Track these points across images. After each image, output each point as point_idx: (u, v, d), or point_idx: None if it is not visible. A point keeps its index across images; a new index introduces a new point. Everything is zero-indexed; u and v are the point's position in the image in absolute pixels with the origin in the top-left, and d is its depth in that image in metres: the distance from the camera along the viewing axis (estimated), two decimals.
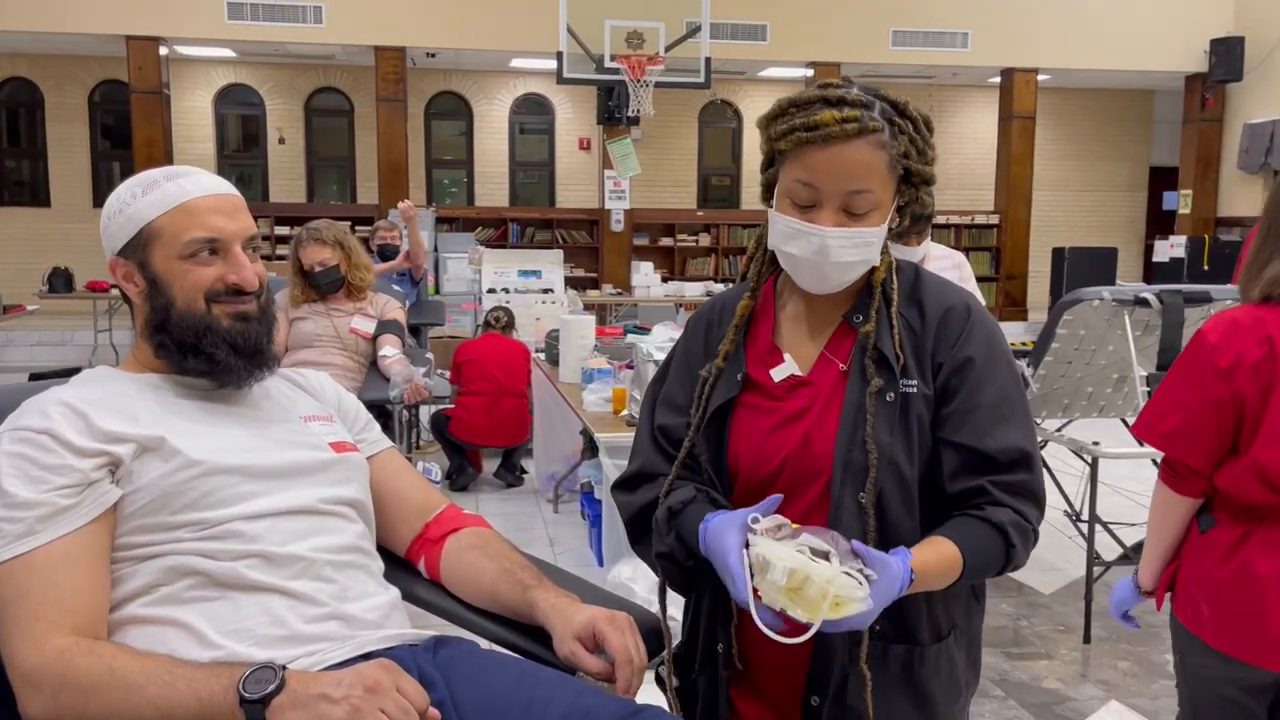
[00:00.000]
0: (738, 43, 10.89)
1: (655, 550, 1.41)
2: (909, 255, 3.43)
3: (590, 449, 4.52)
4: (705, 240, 13.03)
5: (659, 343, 4.07)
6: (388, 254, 6.41)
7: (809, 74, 11.47)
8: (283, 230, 11.41)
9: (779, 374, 1.41)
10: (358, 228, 9.16)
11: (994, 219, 12.29)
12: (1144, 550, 1.85)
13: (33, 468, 1.25)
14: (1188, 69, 11.74)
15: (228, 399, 1.43)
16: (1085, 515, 3.72)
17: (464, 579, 1.49)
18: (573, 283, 10.67)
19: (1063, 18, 11.36)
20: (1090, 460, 3.58)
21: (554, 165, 13.34)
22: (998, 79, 11.98)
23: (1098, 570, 3.60)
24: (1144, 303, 3.42)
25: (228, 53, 11.80)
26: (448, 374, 5.84)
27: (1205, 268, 10.89)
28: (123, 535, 1.28)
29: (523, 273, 8.53)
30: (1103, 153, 14.13)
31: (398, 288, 5.00)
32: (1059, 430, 3.91)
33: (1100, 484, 3.64)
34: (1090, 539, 3.60)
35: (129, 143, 10.67)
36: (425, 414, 5.95)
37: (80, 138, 12.34)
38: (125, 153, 11.44)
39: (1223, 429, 1.64)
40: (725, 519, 1.26)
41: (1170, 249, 11.30)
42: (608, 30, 8.00)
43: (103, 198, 1.43)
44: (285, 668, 1.16)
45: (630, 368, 4.25)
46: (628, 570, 3.38)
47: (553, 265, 8.73)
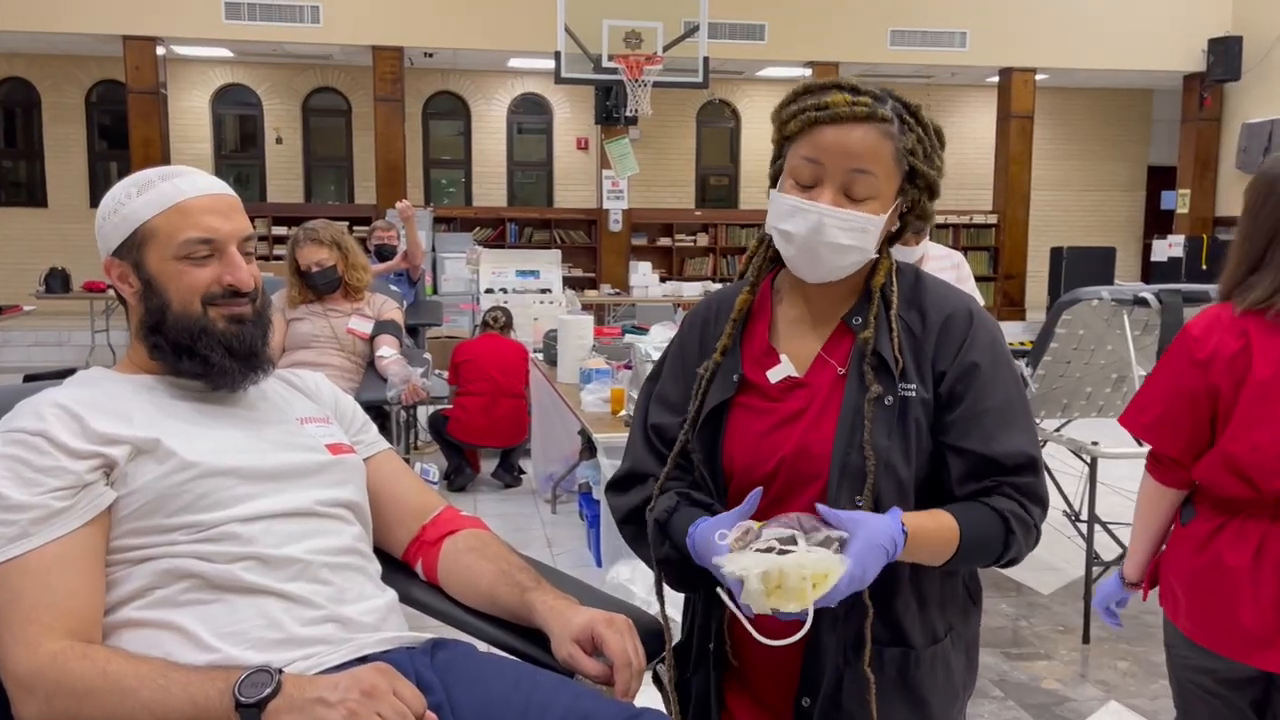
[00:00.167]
0: (736, 42, 10.89)
1: (655, 557, 1.41)
2: (907, 255, 3.42)
3: (588, 449, 4.52)
4: (703, 240, 13.02)
5: (657, 343, 4.06)
6: (385, 254, 6.40)
7: (807, 74, 11.46)
8: (280, 230, 11.40)
9: (775, 375, 1.40)
10: (355, 228, 9.16)
11: (992, 219, 12.30)
12: (1130, 541, 1.87)
13: (26, 470, 1.24)
14: (1186, 68, 11.74)
15: (223, 400, 1.43)
16: (1084, 515, 3.72)
17: (461, 581, 1.48)
18: (570, 283, 10.67)
19: (1061, 17, 11.37)
20: (1089, 460, 3.58)
21: (552, 165, 13.34)
22: (996, 79, 11.99)
23: (1097, 570, 3.59)
24: (1143, 302, 3.42)
25: (225, 53, 11.79)
26: (445, 374, 5.84)
27: (1204, 267, 10.89)
28: (117, 538, 1.27)
29: (520, 273, 8.53)
30: (1101, 152, 14.14)
31: (395, 288, 5.00)
32: (1058, 430, 3.90)
33: (1099, 484, 3.64)
34: (1089, 539, 3.60)
35: (126, 143, 10.66)
36: (423, 414, 5.94)
37: (77, 138, 12.32)
38: (122, 153, 11.42)
39: (1198, 420, 1.67)
40: (705, 537, 1.26)
41: (1168, 248, 11.30)
42: (605, 30, 8.00)
43: (100, 198, 1.42)
44: (281, 671, 1.16)
45: (628, 368, 4.25)
46: (626, 571, 3.37)
47: (550, 265, 8.73)
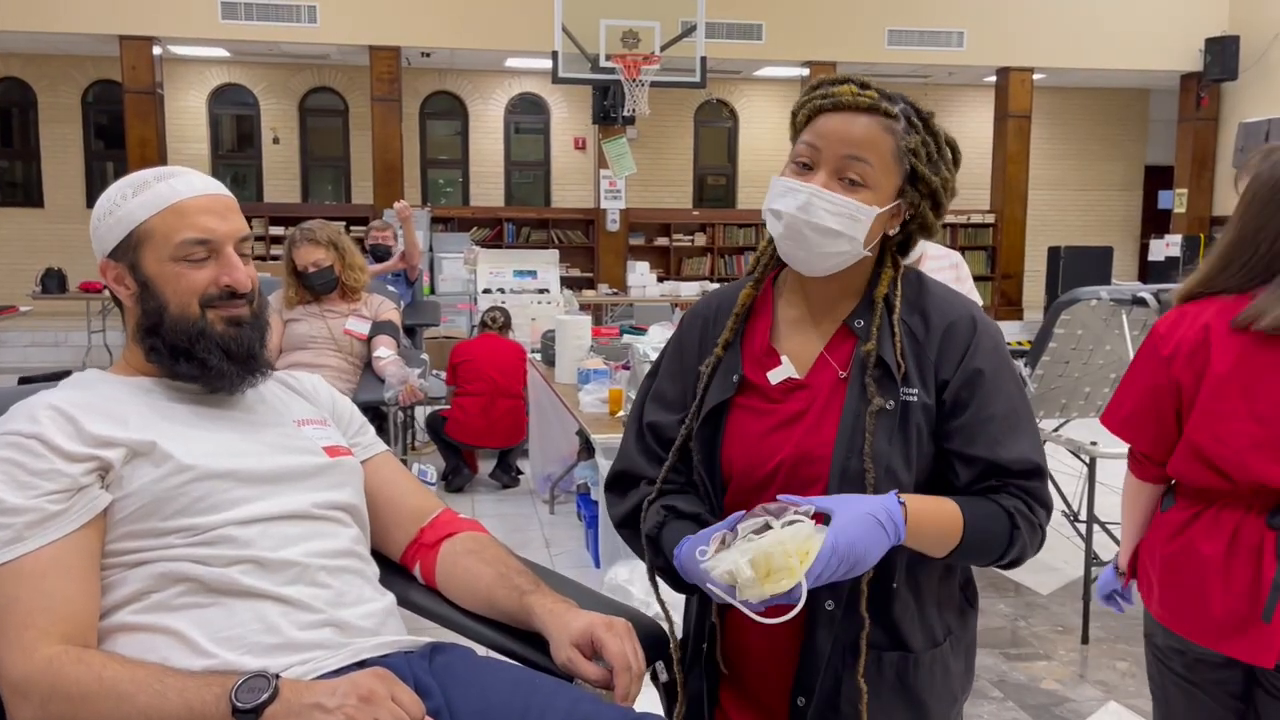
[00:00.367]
0: (733, 42, 10.88)
1: (653, 565, 1.41)
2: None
3: (586, 450, 4.51)
4: (701, 240, 13.01)
5: (655, 343, 4.05)
6: (380, 255, 6.39)
7: (804, 73, 11.45)
8: (277, 230, 11.38)
9: (776, 376, 1.39)
10: (352, 228, 9.14)
11: (990, 218, 12.30)
12: (1121, 533, 1.91)
13: (21, 473, 1.23)
14: (1183, 68, 11.75)
15: (220, 403, 1.42)
16: (1083, 515, 3.72)
17: (460, 584, 1.48)
18: (568, 283, 10.66)
19: (1058, 17, 11.37)
20: (1088, 460, 3.58)
21: (549, 165, 13.33)
22: (993, 78, 11.99)
23: (1096, 570, 3.59)
24: (1141, 302, 3.42)
25: (222, 52, 11.77)
26: (443, 375, 5.83)
27: None
28: (113, 541, 1.26)
29: (518, 273, 8.53)
30: (1098, 152, 14.14)
31: (392, 288, 4.98)
32: (1056, 430, 3.90)
33: (1098, 484, 3.64)
34: (1088, 539, 3.60)
35: (123, 143, 10.64)
36: (421, 415, 5.93)
37: (74, 138, 12.30)
38: (119, 153, 11.40)
39: (1163, 414, 1.69)
40: (689, 558, 1.26)
41: (1166, 248, 11.30)
42: (603, 30, 7.99)
43: (96, 198, 1.41)
44: (278, 676, 1.15)
45: (626, 368, 4.24)
46: (624, 572, 3.36)
47: (548, 265, 8.73)
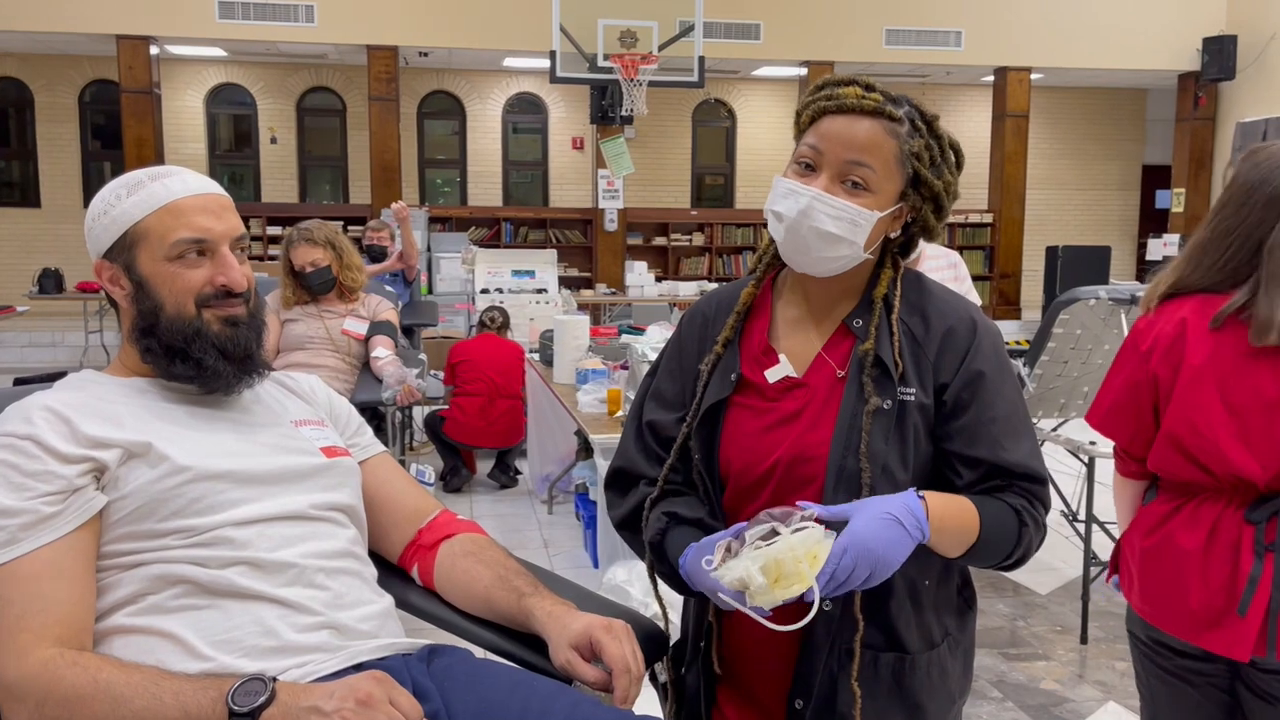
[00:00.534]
0: (731, 42, 10.87)
1: (657, 570, 1.41)
2: None
3: (585, 450, 4.51)
4: (699, 240, 13.00)
5: (653, 343, 4.04)
6: (376, 255, 6.38)
7: (802, 73, 11.45)
8: (275, 230, 11.37)
9: (774, 375, 1.39)
10: (350, 228, 9.13)
11: (988, 218, 12.29)
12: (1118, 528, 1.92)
13: (15, 474, 1.22)
14: (1181, 68, 11.75)
15: (216, 403, 1.41)
16: (1081, 515, 3.71)
17: (458, 586, 1.47)
18: (566, 283, 10.66)
19: (1056, 17, 11.37)
20: (1086, 460, 3.57)
21: (547, 165, 13.31)
22: (991, 78, 11.99)
23: (1094, 570, 3.59)
24: (1139, 302, 3.41)
25: (219, 52, 11.75)
26: (441, 375, 5.82)
27: None
28: (108, 543, 1.26)
29: (516, 273, 8.51)
30: (1096, 151, 14.14)
31: (390, 288, 4.97)
32: (1055, 430, 3.89)
33: (1096, 484, 3.62)
34: (1087, 539, 3.60)
35: (120, 143, 10.62)
36: (419, 415, 5.92)
37: (70, 138, 12.28)
38: (116, 153, 11.37)
39: (1141, 410, 1.70)
40: (695, 566, 1.25)
41: (1164, 247, 11.30)
42: (601, 29, 7.98)
43: (93, 198, 1.40)
44: (275, 679, 1.14)
45: (625, 368, 4.23)
46: (623, 572, 3.35)
47: (546, 265, 8.71)
